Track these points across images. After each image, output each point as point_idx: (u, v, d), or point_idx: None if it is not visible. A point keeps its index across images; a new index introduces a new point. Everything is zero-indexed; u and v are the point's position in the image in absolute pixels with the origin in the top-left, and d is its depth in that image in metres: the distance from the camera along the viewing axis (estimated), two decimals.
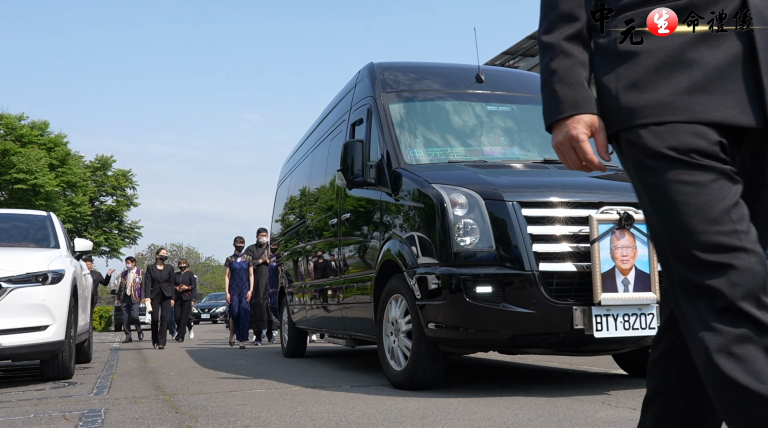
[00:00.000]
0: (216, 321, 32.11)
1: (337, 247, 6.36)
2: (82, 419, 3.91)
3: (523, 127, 5.98)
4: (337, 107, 7.22)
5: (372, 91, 5.86)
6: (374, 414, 3.80)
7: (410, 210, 4.83)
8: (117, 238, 36.16)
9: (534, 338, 4.26)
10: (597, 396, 4.31)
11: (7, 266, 5.80)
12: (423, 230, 4.59)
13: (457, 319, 4.27)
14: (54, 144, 31.82)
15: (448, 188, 4.48)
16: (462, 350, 4.77)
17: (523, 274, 4.17)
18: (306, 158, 8.51)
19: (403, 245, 4.80)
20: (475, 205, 4.34)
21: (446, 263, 4.33)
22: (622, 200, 4.41)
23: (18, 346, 5.73)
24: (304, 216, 8.08)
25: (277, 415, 3.85)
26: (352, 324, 6.11)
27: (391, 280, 4.96)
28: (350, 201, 6.01)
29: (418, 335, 4.53)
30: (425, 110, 5.84)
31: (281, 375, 6.28)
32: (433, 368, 4.60)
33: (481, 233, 4.28)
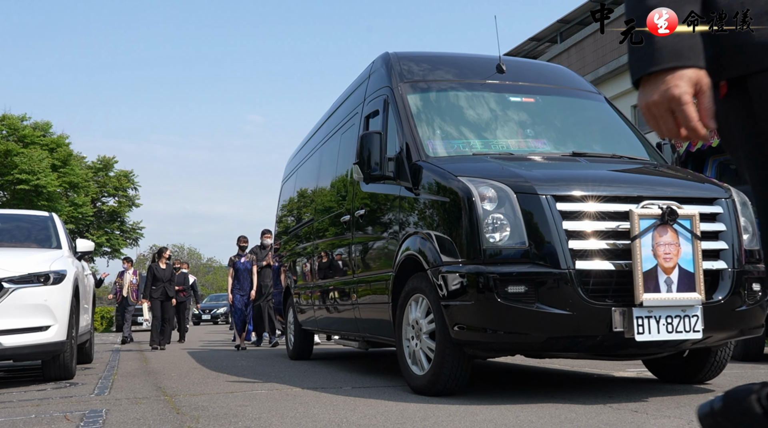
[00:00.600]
0: (217, 321, 32.10)
1: (349, 245, 6.09)
2: (84, 419, 3.91)
3: (549, 119, 5.72)
4: (348, 99, 6.95)
5: (389, 82, 5.60)
6: (375, 415, 3.80)
7: (434, 205, 4.57)
8: (119, 239, 36.18)
9: (569, 341, 4.00)
10: (599, 398, 4.31)
11: (8, 266, 5.81)
12: (448, 226, 4.33)
13: (486, 320, 4.00)
14: (56, 145, 31.86)
15: (476, 181, 4.21)
16: (490, 353, 4.53)
17: (558, 273, 3.90)
18: (314, 153, 8.21)
19: (425, 241, 4.53)
20: (505, 199, 4.08)
21: (474, 260, 4.06)
22: (664, 194, 4.17)
23: (19, 346, 5.73)
24: (312, 213, 7.80)
25: (278, 416, 3.85)
26: (366, 325, 5.86)
27: (412, 279, 4.69)
28: (364, 197, 5.76)
29: (442, 337, 4.26)
30: (445, 101, 5.57)
31: (282, 376, 6.28)
32: (458, 372, 4.34)
33: (512, 228, 4.01)
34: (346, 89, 7.21)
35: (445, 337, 4.24)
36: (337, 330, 7.04)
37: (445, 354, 4.27)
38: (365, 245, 5.70)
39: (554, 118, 5.75)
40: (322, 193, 7.48)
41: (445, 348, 4.25)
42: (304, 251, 8.08)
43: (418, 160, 4.84)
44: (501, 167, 4.49)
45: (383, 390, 4.90)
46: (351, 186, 6.14)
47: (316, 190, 7.73)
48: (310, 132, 8.98)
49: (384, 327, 5.32)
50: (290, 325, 8.91)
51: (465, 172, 4.40)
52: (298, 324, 8.38)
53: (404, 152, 4.99)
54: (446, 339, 4.23)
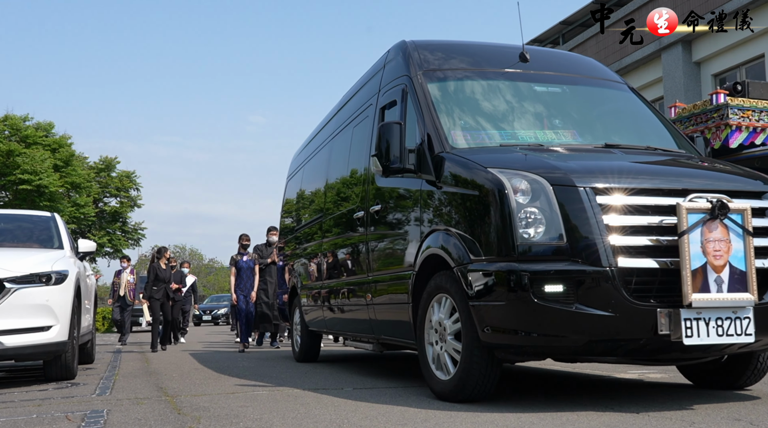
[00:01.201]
0: (218, 322, 32.10)
1: (363, 242, 5.77)
2: (85, 420, 3.91)
3: (577, 109, 5.47)
4: (361, 91, 6.66)
5: (407, 70, 5.32)
6: (376, 416, 3.80)
7: (460, 199, 4.26)
8: (120, 239, 36.16)
9: (610, 344, 3.72)
10: (601, 401, 4.30)
11: (10, 266, 5.82)
12: (476, 222, 4.05)
13: (520, 322, 3.73)
14: (58, 145, 31.86)
15: (508, 172, 3.94)
16: (523, 357, 4.19)
17: (599, 271, 3.63)
18: (323, 148, 7.88)
19: (450, 238, 4.24)
20: (540, 191, 3.81)
21: (506, 258, 3.78)
22: (713, 187, 3.90)
23: (21, 346, 5.74)
24: (321, 210, 7.47)
25: (279, 417, 3.85)
26: (381, 326, 5.56)
27: (435, 278, 4.41)
28: (381, 191, 5.46)
29: (470, 340, 3.99)
30: (468, 90, 5.26)
31: (284, 376, 6.28)
32: (487, 377, 4.06)
33: (548, 223, 3.74)
34: (358, 81, 6.95)
35: (472, 340, 3.98)
36: (349, 331, 6.76)
37: (472, 358, 4.00)
38: (381, 243, 5.42)
39: (582, 108, 5.52)
40: (332, 189, 7.17)
41: (473, 352, 4.00)
42: (311, 249, 7.77)
43: (440, 151, 4.58)
44: (534, 158, 4.24)
45: (384, 392, 4.90)
46: (365, 181, 5.85)
47: (326, 186, 7.40)
48: (317, 127, 8.67)
49: (402, 329, 5.08)
50: (296, 326, 8.62)
51: (495, 163, 4.14)
52: (305, 325, 8.10)
53: (425, 144, 4.73)
54: (474, 342, 3.98)
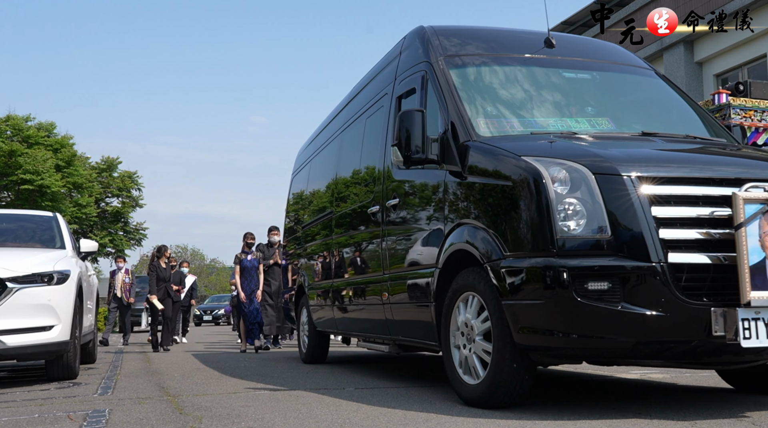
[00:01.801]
0: (218, 322, 32.08)
1: (379, 238, 5.47)
2: (87, 419, 3.92)
3: (609, 96, 5.23)
4: (374, 80, 6.37)
5: (426, 56, 5.04)
6: (378, 416, 3.80)
7: (490, 190, 3.97)
8: (122, 239, 36.19)
9: (658, 347, 3.43)
10: (606, 403, 4.29)
11: (13, 266, 5.82)
12: (509, 214, 3.76)
13: (560, 323, 3.46)
14: (60, 145, 31.90)
15: (545, 161, 3.67)
16: (560, 360, 3.90)
17: (648, 266, 3.36)
18: (332, 141, 7.56)
19: (478, 232, 3.97)
20: (581, 181, 3.53)
21: (544, 252, 3.51)
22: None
23: (23, 346, 5.75)
24: (330, 206, 7.17)
25: (281, 417, 3.85)
26: (399, 327, 5.29)
27: (461, 275, 4.14)
28: (399, 184, 5.18)
29: (502, 342, 3.72)
30: (493, 76, 4.98)
31: (285, 376, 6.29)
32: (519, 382, 3.79)
33: (590, 215, 3.47)
34: (371, 71, 6.69)
35: (504, 341, 3.71)
36: (362, 331, 6.47)
37: (504, 361, 3.72)
38: (399, 239, 5.14)
39: (614, 95, 5.28)
40: (343, 183, 6.88)
41: (505, 354, 3.72)
42: (320, 247, 7.47)
43: (466, 140, 4.29)
44: (572, 146, 3.98)
45: (387, 392, 4.90)
46: (380, 174, 5.57)
47: (336, 180, 7.11)
48: (325, 120, 8.37)
49: (422, 329, 4.81)
50: (303, 326, 8.34)
51: (529, 151, 3.86)
52: (313, 325, 7.83)
53: (449, 133, 4.44)
54: (506, 344, 3.71)
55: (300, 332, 8.52)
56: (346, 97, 7.50)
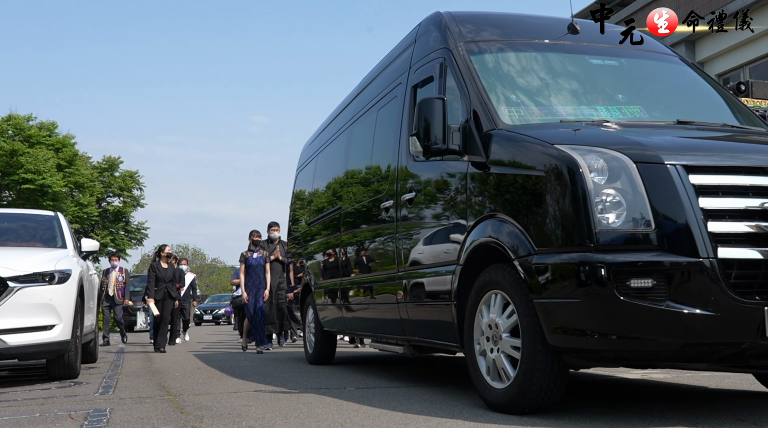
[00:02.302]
0: (219, 322, 32.01)
1: (393, 234, 5.25)
2: (88, 418, 3.92)
3: (639, 84, 5.00)
4: (386, 70, 6.14)
5: (445, 43, 4.80)
6: (379, 415, 3.80)
7: (519, 181, 3.73)
8: (124, 239, 36.24)
9: (706, 349, 3.20)
10: (611, 405, 4.29)
11: (14, 265, 5.83)
12: (542, 207, 3.53)
13: (599, 322, 3.23)
14: (62, 145, 31.94)
15: (581, 149, 3.45)
16: (598, 363, 3.67)
17: (695, 262, 3.13)
18: (341, 134, 7.30)
19: (506, 226, 3.74)
20: (621, 170, 3.31)
21: (580, 247, 3.28)
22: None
23: (24, 345, 5.75)
24: (339, 201, 6.93)
25: (282, 416, 3.85)
26: (415, 327, 5.04)
27: (487, 272, 3.90)
28: (415, 177, 4.95)
29: (533, 343, 3.50)
30: (516, 63, 4.76)
31: (286, 376, 6.29)
32: (552, 386, 3.55)
33: (632, 207, 3.25)
34: (382, 61, 6.46)
35: (535, 343, 3.49)
36: (374, 332, 6.21)
37: (535, 364, 3.50)
38: (415, 235, 4.90)
39: (644, 83, 5.05)
40: (352, 178, 6.63)
41: (536, 356, 3.50)
42: (328, 244, 7.24)
43: (491, 129, 4.07)
44: (609, 133, 3.77)
45: (387, 391, 4.90)
46: (394, 167, 5.35)
47: (345, 175, 6.88)
48: (333, 113, 8.09)
49: (441, 330, 4.56)
50: (309, 326, 8.09)
51: (563, 139, 3.64)
52: (320, 325, 7.59)
53: (472, 121, 4.22)
54: (536, 345, 3.49)
55: (306, 332, 8.31)
56: (355, 89, 7.28)
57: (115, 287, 14.25)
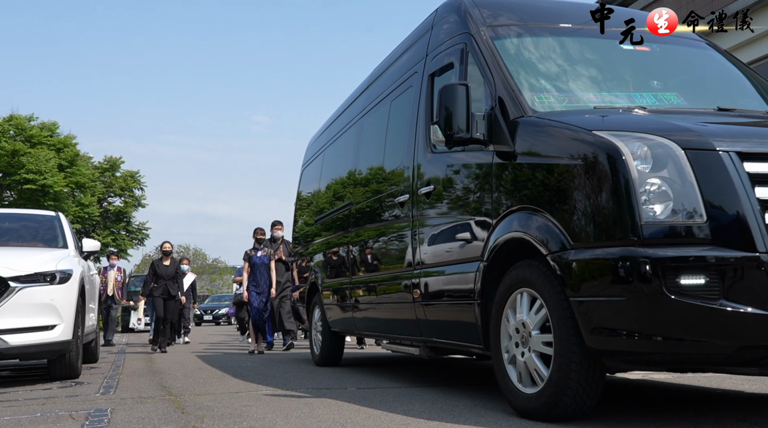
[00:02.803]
0: (219, 322, 31.90)
1: (409, 231, 5.02)
2: (89, 418, 3.93)
3: (673, 70, 4.76)
4: (400, 59, 5.91)
5: (466, 28, 4.57)
6: (380, 416, 3.81)
7: (552, 171, 3.47)
8: (125, 239, 36.31)
9: (763, 352, 2.94)
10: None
11: (15, 265, 5.83)
12: (578, 198, 3.28)
13: (644, 323, 2.98)
14: (63, 145, 32.01)
15: (624, 135, 3.20)
16: (641, 366, 3.39)
17: (753, 257, 2.88)
18: (350, 127, 7.07)
19: (536, 219, 3.50)
20: (668, 157, 3.06)
21: (623, 241, 3.04)
22: None
23: (25, 345, 5.76)
24: (348, 197, 6.69)
25: (283, 416, 3.85)
26: (434, 328, 4.79)
27: (516, 269, 3.67)
28: (433, 170, 4.73)
29: (568, 345, 3.26)
30: (543, 48, 4.53)
31: (287, 376, 6.29)
32: (588, 391, 3.31)
33: (680, 197, 2.99)
34: (394, 51, 6.24)
35: (570, 345, 3.26)
36: (387, 333, 5.94)
37: (570, 367, 3.26)
38: (434, 230, 4.65)
39: (677, 69, 4.81)
40: (364, 172, 6.40)
41: (571, 360, 3.26)
42: (337, 241, 6.97)
43: (519, 116, 3.83)
44: (653, 119, 3.54)
45: (388, 392, 4.90)
46: (409, 160, 5.13)
47: (355, 169, 6.64)
48: (341, 106, 7.84)
49: (463, 331, 4.32)
50: (316, 326, 7.83)
51: (602, 125, 3.40)
52: (327, 325, 7.34)
53: (497, 109, 3.98)
54: (573, 348, 3.25)
55: (312, 332, 8.07)
56: (365, 82, 7.06)
57: (114, 287, 14.03)
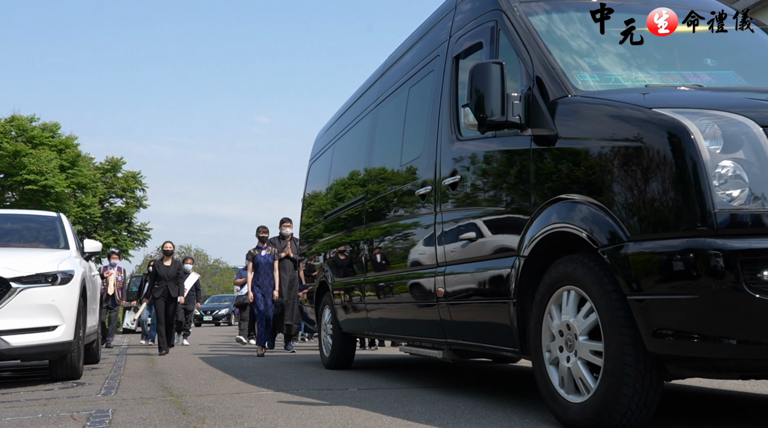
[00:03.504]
0: (219, 323, 31.75)
1: (431, 225, 4.68)
2: (90, 419, 3.93)
3: (726, 47, 4.35)
4: (417, 45, 5.59)
5: (496, 4, 4.22)
6: (381, 417, 3.81)
7: (604, 155, 3.13)
8: (126, 240, 36.33)
9: None
10: None
11: (16, 266, 5.84)
12: (636, 183, 2.93)
13: (719, 324, 2.63)
14: (65, 146, 32.04)
15: (689, 112, 2.85)
16: (712, 373, 3.04)
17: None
18: (363, 117, 6.72)
19: (584, 209, 3.16)
20: (743, 136, 2.73)
21: (691, 231, 2.69)
22: None
23: (27, 346, 5.77)
24: (362, 191, 6.35)
25: (284, 417, 3.86)
26: (459, 329, 4.42)
27: (559, 265, 3.34)
28: (459, 159, 4.39)
29: (621, 351, 2.93)
30: (581, 24, 4.11)
31: (288, 377, 6.29)
32: (645, 400, 2.97)
33: (759, 181, 2.67)
34: (410, 37, 5.94)
35: (624, 352, 2.93)
36: (405, 334, 5.59)
37: (623, 380, 2.93)
38: (461, 224, 4.28)
39: (731, 47, 4.43)
40: (379, 164, 6.05)
41: (625, 370, 2.93)
42: (349, 237, 6.64)
43: (561, 97, 3.49)
44: (720, 95, 3.23)
45: (389, 392, 4.90)
46: (433, 148, 4.77)
47: (370, 161, 6.29)
48: (352, 97, 7.49)
49: (495, 333, 3.96)
50: (326, 327, 7.47)
51: (663, 102, 3.05)
52: (338, 326, 7.01)
53: (535, 89, 3.64)
54: (627, 355, 2.93)
55: (321, 334, 7.68)
56: (378, 70, 6.73)
57: (115, 288, 13.68)
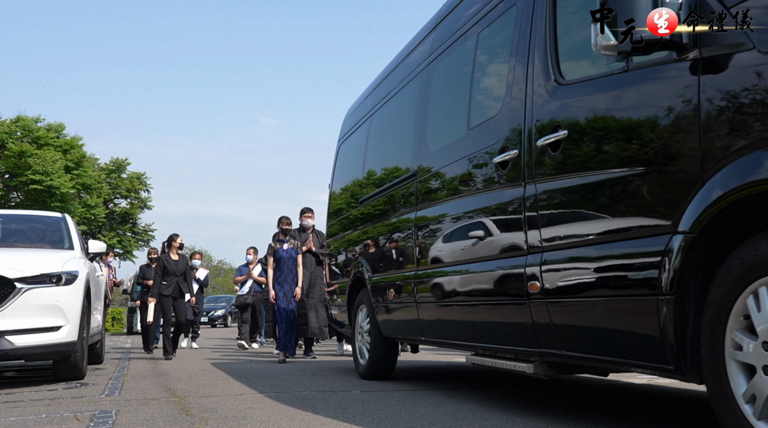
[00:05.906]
0: (215, 324, 31.20)
1: (517, 199, 3.60)
2: (94, 420, 3.93)
3: None
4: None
5: None
6: (384, 419, 3.80)
7: None
8: (131, 240, 36.38)
9: None
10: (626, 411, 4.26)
11: (21, 266, 5.86)
12: None
13: None
14: (70, 146, 32.13)
15: None
16: None
17: None
18: (410, 81, 5.67)
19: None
20: None
21: None
22: None
23: (31, 346, 5.78)
24: (413, 166, 5.26)
25: (287, 419, 3.86)
26: (566, 336, 3.29)
27: (753, 243, 2.29)
28: (566, 108, 3.29)
29: None
30: None
31: (291, 378, 6.29)
32: None
33: None
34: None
35: None
36: (476, 341, 4.35)
37: None
38: (568, 194, 3.22)
39: None
40: (435, 131, 5.01)
41: None
42: (394, 223, 5.56)
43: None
44: None
45: (392, 395, 4.90)
46: (522, 99, 3.67)
47: (422, 130, 5.20)
48: (390, 65, 6.54)
49: (628, 343, 2.86)
50: (361, 331, 6.46)
51: None
52: (377, 330, 6.02)
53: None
54: None
55: (355, 339, 6.67)
56: (428, 24, 5.64)
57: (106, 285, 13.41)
